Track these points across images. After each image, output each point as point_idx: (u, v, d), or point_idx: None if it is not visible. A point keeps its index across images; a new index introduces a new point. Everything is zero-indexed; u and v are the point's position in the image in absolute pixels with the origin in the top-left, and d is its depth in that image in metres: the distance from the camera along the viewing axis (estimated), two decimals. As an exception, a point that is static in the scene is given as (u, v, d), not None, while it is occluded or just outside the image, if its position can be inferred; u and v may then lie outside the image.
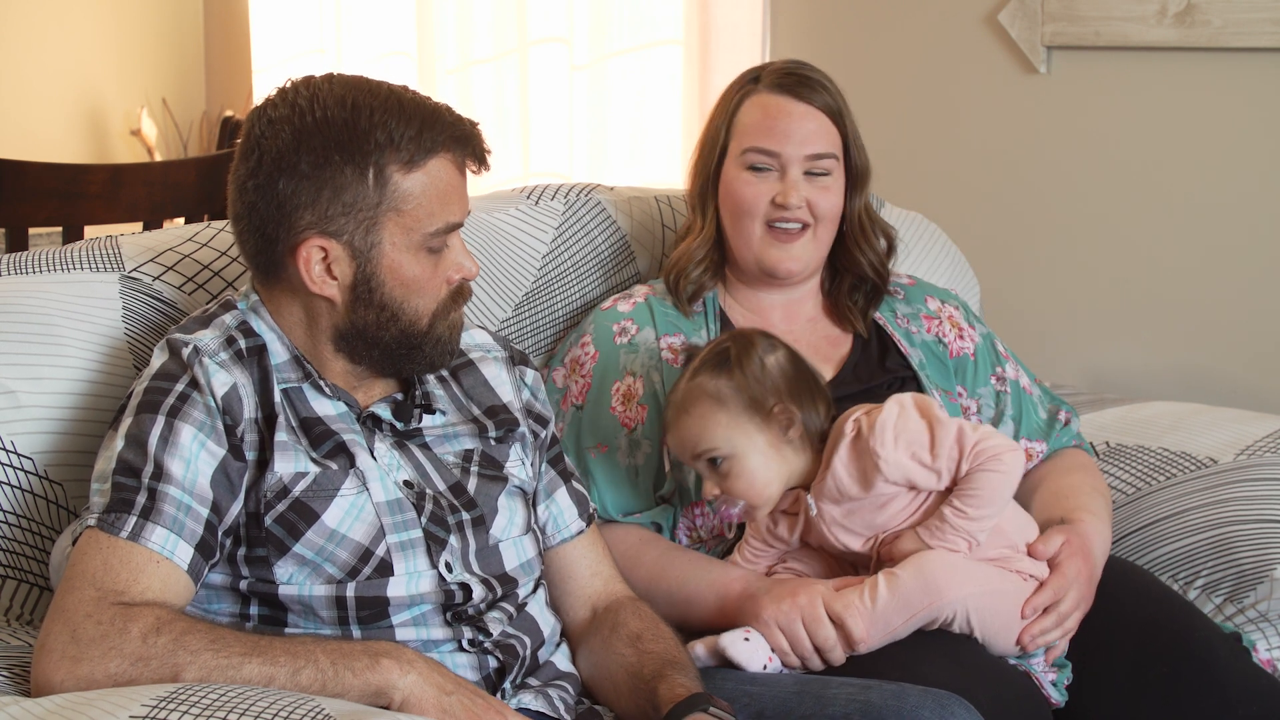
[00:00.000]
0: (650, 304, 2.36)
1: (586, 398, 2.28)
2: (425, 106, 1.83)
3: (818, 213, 2.30)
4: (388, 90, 1.83)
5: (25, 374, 1.96)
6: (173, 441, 1.76)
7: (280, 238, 1.82)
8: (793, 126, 2.29)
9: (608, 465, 2.24)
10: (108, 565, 1.71)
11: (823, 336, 2.39)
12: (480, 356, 2.04)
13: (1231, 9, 3.11)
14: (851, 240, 2.38)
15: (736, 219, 2.32)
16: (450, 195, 1.85)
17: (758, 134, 2.30)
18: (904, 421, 2.02)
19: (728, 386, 2.03)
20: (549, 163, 4.22)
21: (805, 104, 2.30)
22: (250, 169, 1.82)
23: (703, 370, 2.06)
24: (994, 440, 2.03)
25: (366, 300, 1.84)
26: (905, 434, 2.02)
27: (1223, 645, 2.16)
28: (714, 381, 2.04)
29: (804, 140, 2.29)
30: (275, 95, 1.84)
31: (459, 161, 1.86)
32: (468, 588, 1.87)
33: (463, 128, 1.85)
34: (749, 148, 2.30)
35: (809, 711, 1.86)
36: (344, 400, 1.88)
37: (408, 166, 1.81)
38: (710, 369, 2.05)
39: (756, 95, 2.32)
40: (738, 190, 2.31)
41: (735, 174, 2.32)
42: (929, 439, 2.02)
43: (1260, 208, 3.19)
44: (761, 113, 2.31)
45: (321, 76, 1.85)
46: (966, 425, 2.04)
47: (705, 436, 2.04)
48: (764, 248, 2.31)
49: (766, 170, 2.29)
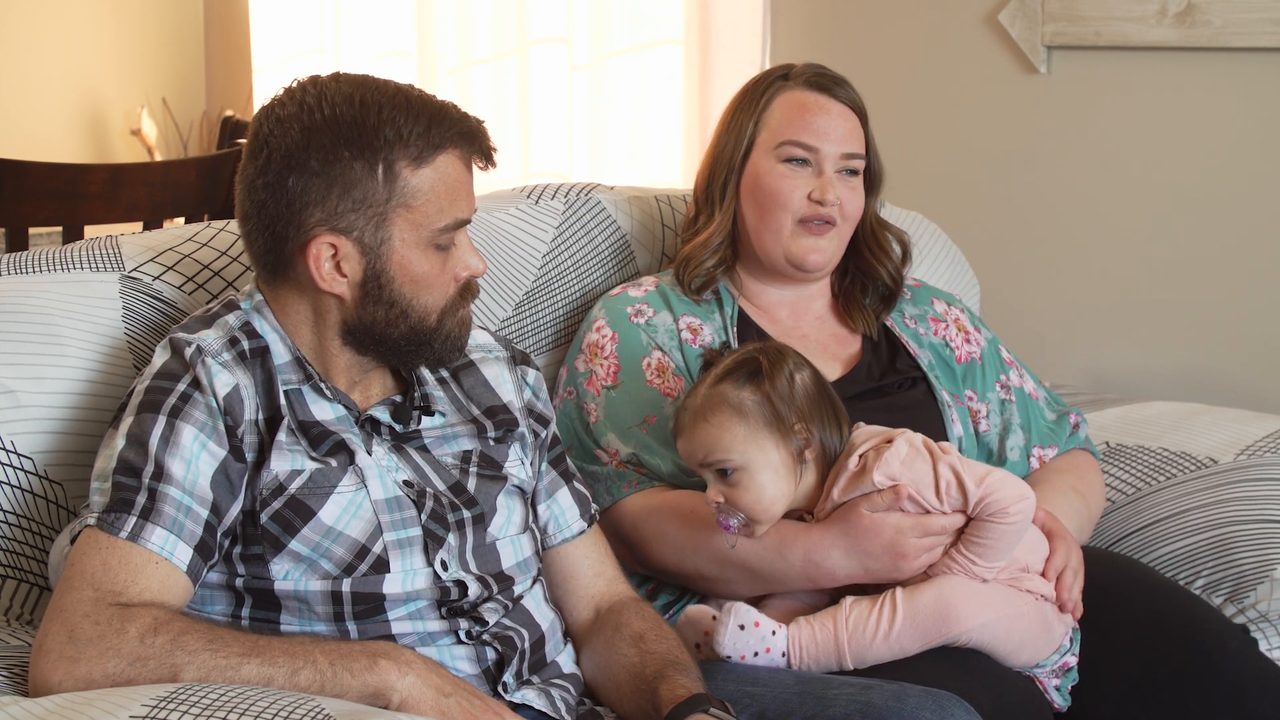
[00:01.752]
0: (662, 290, 2.36)
1: (619, 377, 2.27)
2: (432, 103, 1.84)
3: (845, 212, 2.31)
4: (395, 88, 1.84)
5: (25, 374, 1.96)
6: (174, 442, 1.76)
7: (290, 235, 1.82)
8: (831, 123, 2.30)
9: (662, 432, 2.23)
10: (106, 565, 1.71)
11: (831, 335, 2.39)
12: (481, 357, 2.04)
13: (1231, 9, 3.11)
14: (864, 243, 2.38)
15: (766, 211, 2.31)
16: (458, 191, 1.85)
17: (796, 128, 2.30)
18: (911, 461, 2.00)
19: (752, 399, 2.00)
20: (549, 163, 4.22)
21: (840, 103, 2.32)
22: (259, 167, 1.82)
23: (728, 379, 2.02)
24: (1003, 492, 1.99)
25: (376, 297, 1.84)
26: (910, 473, 2.00)
27: (1232, 637, 2.16)
28: (738, 392, 2.01)
29: (842, 138, 2.30)
30: (282, 94, 1.85)
31: (466, 158, 1.86)
32: (463, 585, 1.87)
33: (469, 124, 1.86)
34: (788, 140, 2.29)
35: (810, 712, 1.85)
36: (343, 403, 1.88)
37: (416, 162, 1.81)
38: (736, 379, 2.02)
39: (790, 91, 2.32)
40: (771, 183, 2.30)
41: (768, 166, 2.31)
42: (933, 481, 2.00)
43: (1260, 207, 3.19)
44: (799, 108, 2.31)
45: (328, 75, 1.86)
46: (974, 473, 2.01)
47: (720, 446, 2.01)
48: (793, 240, 2.30)
49: (802, 165, 2.30)
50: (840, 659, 1.99)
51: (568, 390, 2.31)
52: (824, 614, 2.03)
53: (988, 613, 2.01)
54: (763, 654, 2.00)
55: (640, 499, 2.19)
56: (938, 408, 2.32)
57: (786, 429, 2.00)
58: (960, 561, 2.00)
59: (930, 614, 1.98)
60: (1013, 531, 2.00)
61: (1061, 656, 2.11)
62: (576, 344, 2.35)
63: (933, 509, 2.00)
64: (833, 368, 2.34)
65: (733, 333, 2.32)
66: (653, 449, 2.22)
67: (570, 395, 2.30)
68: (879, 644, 1.99)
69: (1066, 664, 2.11)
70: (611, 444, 2.23)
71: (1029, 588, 2.06)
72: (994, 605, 2.02)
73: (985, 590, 2.02)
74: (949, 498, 1.99)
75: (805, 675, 1.97)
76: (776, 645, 2.01)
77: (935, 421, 2.31)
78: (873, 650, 1.99)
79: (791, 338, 2.35)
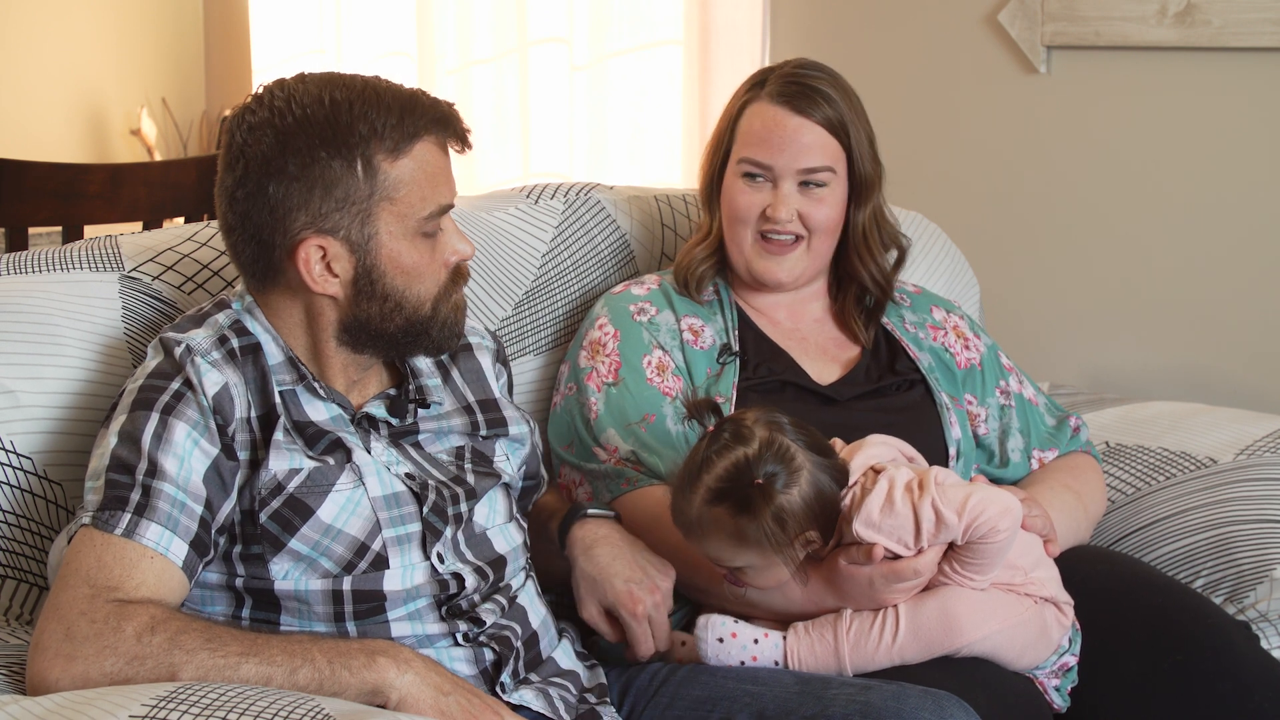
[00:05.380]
0: (665, 288, 2.37)
1: (619, 374, 2.27)
2: (402, 93, 1.84)
3: (811, 225, 2.29)
4: (362, 81, 1.84)
5: (25, 374, 1.96)
6: (167, 438, 1.76)
7: (276, 242, 1.82)
8: (787, 140, 2.27)
9: (661, 432, 2.24)
10: (102, 562, 1.71)
11: (830, 337, 2.39)
12: (477, 343, 2.07)
13: (1231, 9, 3.11)
14: (853, 250, 2.36)
15: (730, 225, 2.33)
16: (438, 177, 1.86)
17: (753, 145, 2.29)
18: (890, 508, 1.95)
19: (749, 527, 1.93)
20: (549, 162, 4.22)
21: (802, 117, 2.27)
22: (238, 178, 1.82)
23: (724, 502, 1.93)
24: (988, 513, 1.95)
25: (369, 293, 1.84)
26: (889, 520, 1.96)
27: (1237, 632, 2.16)
28: (734, 521, 1.93)
29: (797, 154, 2.27)
30: (250, 101, 1.84)
31: (442, 143, 1.87)
32: (460, 577, 1.88)
33: (441, 109, 1.86)
34: (744, 157, 2.30)
35: (810, 712, 1.86)
36: (338, 403, 1.89)
37: (394, 154, 1.81)
38: (731, 506, 1.93)
39: (757, 103, 2.30)
40: (733, 198, 2.31)
41: (732, 181, 2.32)
42: (913, 529, 1.95)
43: (1260, 207, 3.19)
44: (760, 123, 2.29)
45: (293, 77, 1.86)
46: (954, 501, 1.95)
47: (725, 559, 1.98)
48: (754, 256, 2.31)
49: (760, 180, 2.29)
50: (840, 669, 1.99)
51: (569, 386, 2.31)
52: (823, 623, 2.02)
53: (992, 624, 2.00)
54: (749, 662, 2.00)
55: (640, 500, 2.19)
56: (936, 410, 2.32)
57: (789, 541, 1.94)
58: (955, 578, 1.99)
59: (934, 626, 1.98)
60: (1003, 545, 1.98)
61: (1060, 657, 2.10)
62: (578, 341, 2.36)
63: (908, 554, 1.96)
64: (831, 369, 2.34)
65: (733, 335, 2.32)
66: (651, 447, 2.22)
67: (571, 391, 2.30)
68: (881, 656, 1.98)
69: (1066, 664, 2.11)
70: (611, 441, 2.24)
71: (1028, 591, 2.06)
72: (998, 615, 2.01)
73: (988, 600, 2.01)
74: (931, 536, 1.96)
75: (805, 675, 1.97)
76: (764, 652, 2.01)
77: (933, 424, 2.30)
78: (875, 661, 1.99)
79: (791, 339, 2.35)
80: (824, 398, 2.29)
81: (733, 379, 2.27)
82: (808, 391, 2.29)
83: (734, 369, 2.28)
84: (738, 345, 2.31)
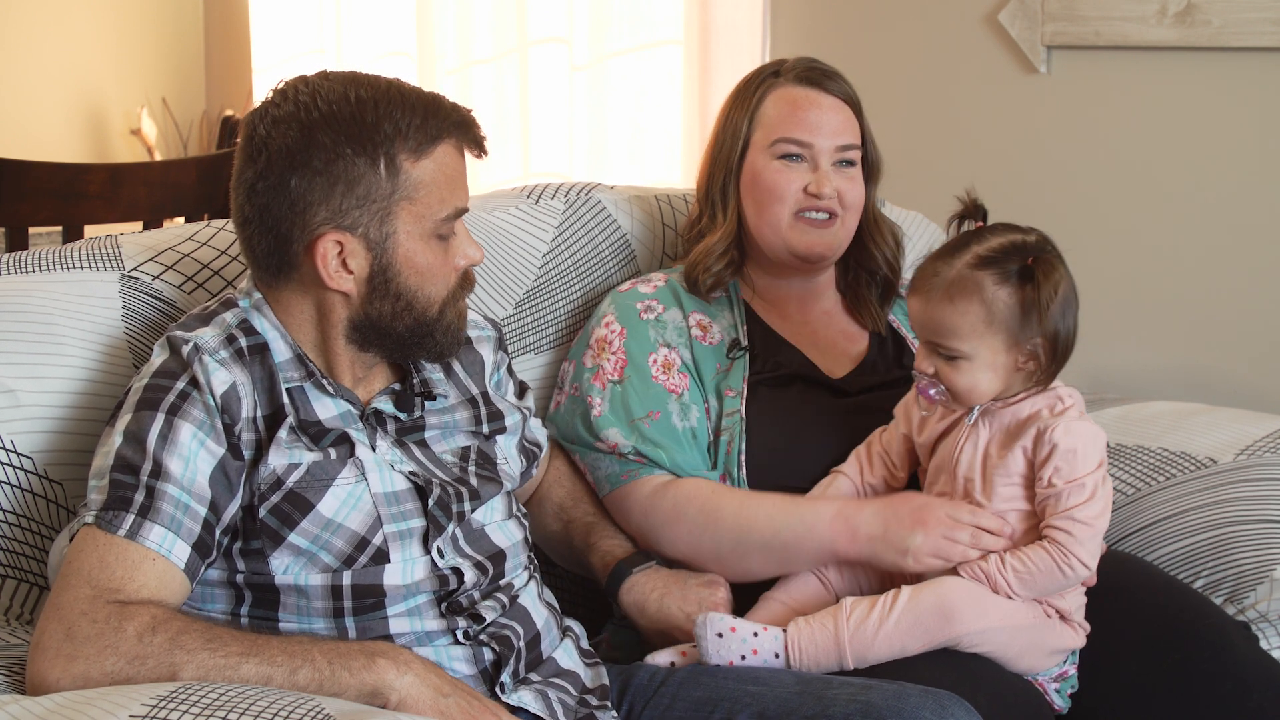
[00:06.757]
0: (672, 285, 2.37)
1: (625, 372, 2.28)
2: (424, 96, 1.86)
3: (846, 202, 2.32)
4: (385, 82, 1.85)
5: (25, 373, 1.96)
6: (172, 439, 1.76)
7: (295, 236, 1.82)
8: (824, 118, 2.31)
9: (665, 428, 2.24)
10: (104, 563, 1.71)
11: (839, 331, 2.40)
12: (477, 336, 2.08)
13: (1231, 9, 3.11)
14: (867, 233, 2.40)
15: (764, 206, 2.32)
16: (456, 181, 1.87)
17: (789, 125, 2.31)
18: (1089, 450, 1.97)
19: (1008, 301, 1.95)
20: (549, 162, 4.22)
21: (832, 96, 2.33)
22: (259, 171, 1.82)
23: (993, 268, 1.95)
24: (1087, 532, 1.98)
25: (383, 291, 1.85)
26: (1076, 459, 1.97)
27: (1236, 631, 2.17)
28: (996, 289, 1.95)
29: (835, 131, 2.31)
30: (274, 95, 1.85)
31: (460, 147, 1.88)
32: (460, 572, 1.88)
33: (461, 114, 1.88)
34: (781, 138, 2.31)
35: (810, 712, 1.86)
36: (346, 398, 1.89)
37: (417, 155, 1.82)
38: (1002, 273, 1.95)
39: (782, 88, 2.34)
40: (768, 179, 2.32)
41: (765, 164, 2.32)
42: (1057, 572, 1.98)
43: (1260, 207, 3.19)
44: (791, 104, 2.32)
45: (316, 74, 1.86)
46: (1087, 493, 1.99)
47: (955, 333, 1.97)
48: (794, 234, 2.31)
49: (798, 160, 2.31)
50: (840, 658, 1.99)
51: (573, 386, 2.32)
52: (823, 614, 2.02)
53: (991, 617, 2.00)
54: (750, 656, 2.00)
55: (652, 483, 2.21)
56: (939, 406, 2.33)
57: (1026, 339, 1.96)
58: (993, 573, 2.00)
59: (932, 611, 1.98)
60: (1058, 581, 2.00)
61: (1060, 667, 2.11)
62: (584, 338, 2.36)
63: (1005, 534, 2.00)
64: (841, 363, 2.36)
65: (742, 330, 2.33)
66: (654, 441, 2.23)
67: (575, 391, 2.31)
68: (880, 640, 1.98)
69: (1065, 674, 2.11)
70: (612, 437, 2.24)
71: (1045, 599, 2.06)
72: (999, 611, 2.01)
73: (990, 595, 2.01)
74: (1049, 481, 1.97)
75: (805, 675, 1.97)
76: (764, 645, 2.01)
77: (937, 419, 2.32)
78: (874, 648, 1.98)
79: (800, 333, 2.36)
80: (836, 390, 2.31)
81: (743, 373, 2.28)
82: (819, 384, 2.31)
83: (743, 363, 2.29)
84: (747, 341, 2.31)
